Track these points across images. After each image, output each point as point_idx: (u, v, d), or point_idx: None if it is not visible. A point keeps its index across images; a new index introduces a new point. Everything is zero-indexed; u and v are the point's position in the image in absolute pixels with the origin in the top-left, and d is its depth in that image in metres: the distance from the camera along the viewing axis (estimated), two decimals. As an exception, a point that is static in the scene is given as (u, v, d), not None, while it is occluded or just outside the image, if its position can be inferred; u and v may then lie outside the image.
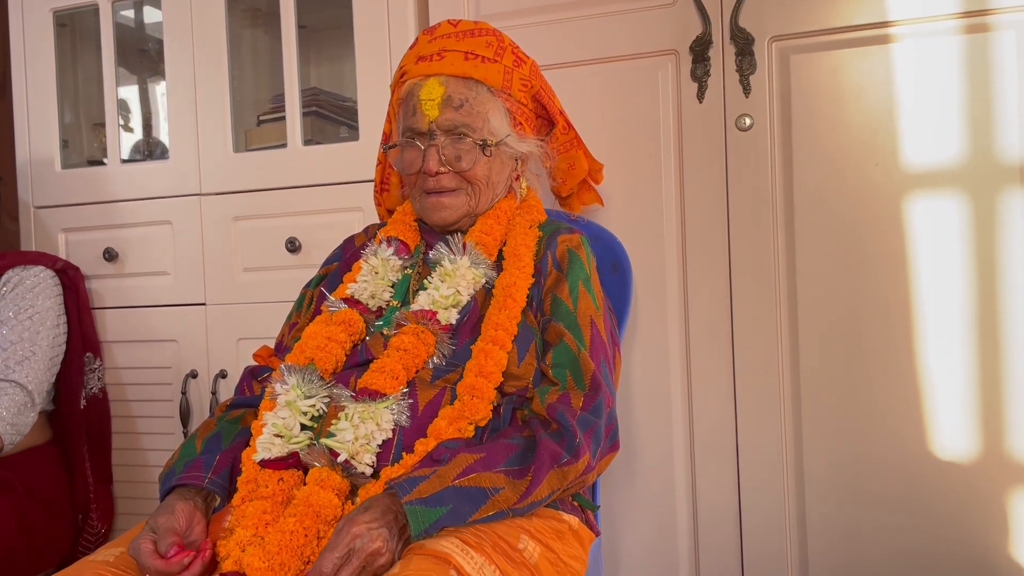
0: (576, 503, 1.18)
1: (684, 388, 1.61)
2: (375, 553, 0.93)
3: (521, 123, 1.34)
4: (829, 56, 1.52)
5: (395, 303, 1.26)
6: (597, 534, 1.22)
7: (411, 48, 1.35)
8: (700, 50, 1.57)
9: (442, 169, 1.26)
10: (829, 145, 1.52)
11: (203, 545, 1.02)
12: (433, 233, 1.34)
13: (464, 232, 1.29)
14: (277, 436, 1.10)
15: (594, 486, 1.39)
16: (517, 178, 1.36)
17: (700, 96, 1.58)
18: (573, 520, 1.14)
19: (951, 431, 1.47)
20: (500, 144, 1.29)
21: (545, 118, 1.42)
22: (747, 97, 1.55)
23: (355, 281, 1.28)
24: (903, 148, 1.49)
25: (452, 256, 1.24)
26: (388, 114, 1.43)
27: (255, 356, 1.31)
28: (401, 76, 1.34)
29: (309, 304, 1.34)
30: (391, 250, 1.30)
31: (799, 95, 1.54)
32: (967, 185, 1.45)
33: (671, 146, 1.61)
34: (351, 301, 1.25)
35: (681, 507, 1.62)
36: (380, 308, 1.26)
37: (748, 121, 1.55)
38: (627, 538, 1.66)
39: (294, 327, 1.32)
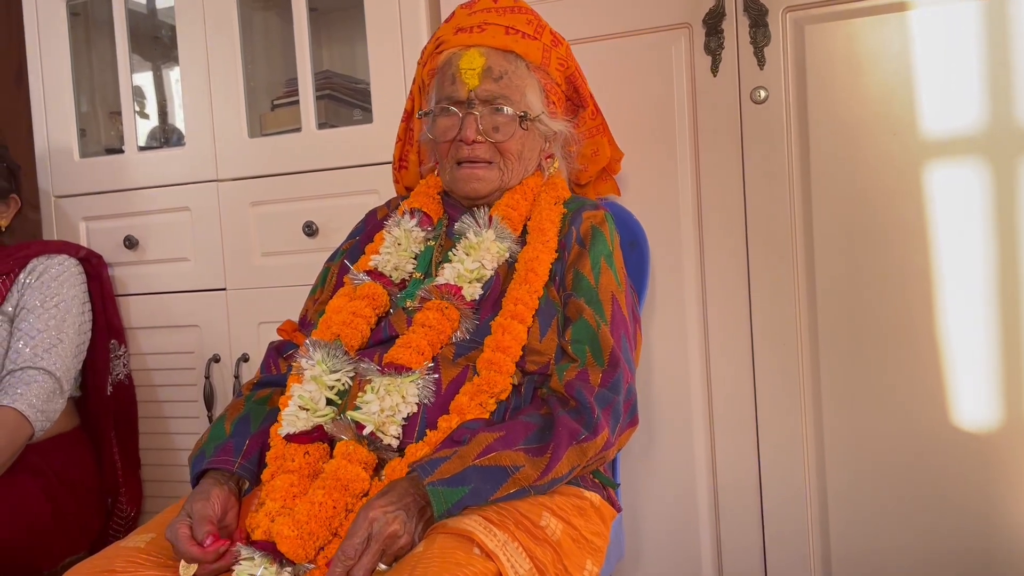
0: (597, 480, 1.19)
1: (702, 363, 1.61)
2: (393, 536, 0.95)
3: (554, 102, 1.35)
4: (844, 25, 1.50)
5: (418, 275, 1.26)
6: (618, 510, 1.23)
7: (447, 21, 1.35)
8: (713, 22, 1.55)
9: (479, 138, 1.25)
10: (845, 116, 1.51)
11: (238, 534, 1.04)
12: (456, 207, 1.33)
13: (490, 206, 1.29)
14: (303, 409, 1.11)
15: (614, 463, 1.40)
16: (549, 157, 1.36)
17: (714, 69, 1.57)
18: (595, 497, 1.15)
19: (972, 402, 1.46)
20: (536, 120, 1.30)
21: (574, 101, 1.42)
22: (762, 69, 1.54)
23: (378, 252, 1.28)
24: (920, 117, 1.47)
25: (477, 229, 1.23)
26: (411, 90, 1.43)
27: (279, 330, 1.32)
28: (437, 47, 1.33)
29: (332, 278, 1.35)
30: (414, 221, 1.30)
31: (814, 66, 1.52)
32: (986, 153, 1.44)
33: (686, 120, 1.60)
34: (374, 274, 1.25)
35: (701, 482, 1.63)
36: (403, 280, 1.27)
37: (763, 93, 1.54)
38: (648, 514, 1.67)
39: (317, 301, 1.33)
